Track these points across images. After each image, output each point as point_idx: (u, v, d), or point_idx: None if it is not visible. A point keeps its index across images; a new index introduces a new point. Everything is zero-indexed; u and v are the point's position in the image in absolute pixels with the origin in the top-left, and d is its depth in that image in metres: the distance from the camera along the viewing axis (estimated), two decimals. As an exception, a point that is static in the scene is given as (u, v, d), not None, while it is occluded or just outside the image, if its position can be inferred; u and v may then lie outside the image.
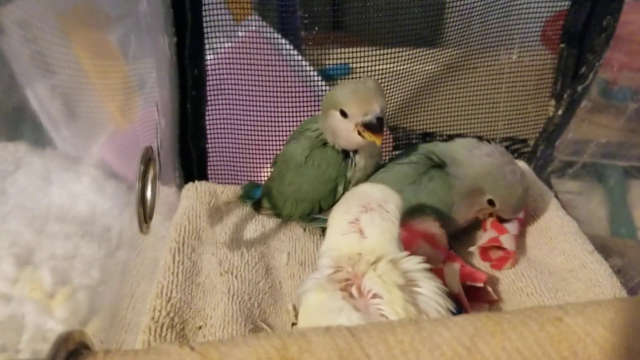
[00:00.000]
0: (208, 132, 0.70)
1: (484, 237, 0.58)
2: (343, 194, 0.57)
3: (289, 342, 0.30)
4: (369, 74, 0.68)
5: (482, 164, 0.56)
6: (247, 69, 0.68)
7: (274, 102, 0.70)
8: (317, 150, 0.57)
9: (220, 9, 0.64)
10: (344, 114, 0.53)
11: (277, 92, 0.69)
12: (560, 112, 0.72)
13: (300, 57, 0.81)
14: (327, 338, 0.30)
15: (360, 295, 0.39)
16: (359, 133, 0.53)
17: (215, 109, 0.69)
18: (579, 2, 0.66)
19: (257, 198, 0.65)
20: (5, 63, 0.65)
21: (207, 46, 0.65)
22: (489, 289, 0.51)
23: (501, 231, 0.58)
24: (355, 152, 0.57)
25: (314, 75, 0.81)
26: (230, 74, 0.68)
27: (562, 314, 0.31)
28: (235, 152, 0.73)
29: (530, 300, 0.52)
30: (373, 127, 0.51)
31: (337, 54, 0.68)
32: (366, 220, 0.44)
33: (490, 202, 0.57)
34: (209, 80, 0.67)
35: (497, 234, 0.57)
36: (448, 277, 0.51)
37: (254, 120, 0.71)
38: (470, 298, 0.51)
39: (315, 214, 0.60)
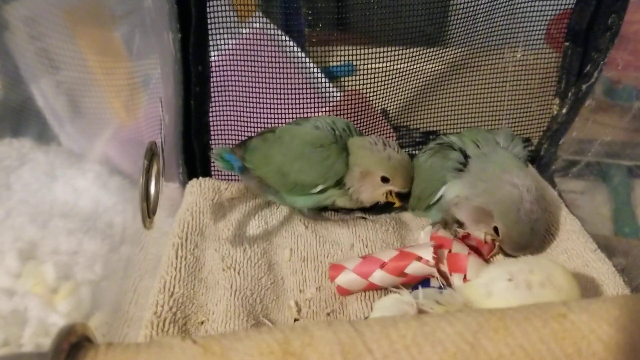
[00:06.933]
0: (211, 128, 0.71)
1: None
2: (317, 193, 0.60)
3: (291, 337, 0.30)
4: (373, 72, 0.68)
5: (503, 189, 0.54)
6: (251, 67, 0.68)
7: (277, 99, 0.70)
8: (334, 149, 0.59)
9: (225, 6, 0.64)
10: (385, 180, 0.59)
11: (280, 90, 0.69)
12: (564, 110, 0.71)
13: (304, 56, 0.81)
14: (330, 332, 0.30)
15: None
16: (387, 195, 0.61)
17: (219, 106, 0.70)
18: (584, 0, 0.66)
19: (230, 162, 0.65)
20: (11, 60, 0.65)
21: (211, 43, 0.65)
22: None
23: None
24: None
25: (317, 74, 0.81)
26: (234, 71, 0.68)
27: (566, 311, 0.31)
28: (239, 149, 0.73)
29: (533, 298, 0.52)
30: (402, 195, 0.61)
31: (341, 52, 0.68)
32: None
33: (496, 230, 0.55)
34: (213, 77, 0.67)
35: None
36: (472, 265, 0.52)
37: (257, 118, 0.71)
38: None
39: (274, 189, 0.62)
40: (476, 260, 0.53)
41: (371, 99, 0.71)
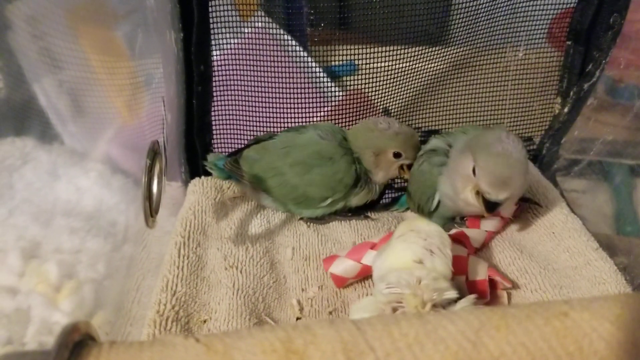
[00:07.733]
0: (214, 127, 0.71)
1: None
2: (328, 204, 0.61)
3: (293, 335, 0.30)
4: (375, 72, 0.68)
5: (483, 136, 0.53)
6: (253, 66, 0.68)
7: (279, 99, 0.70)
8: (345, 162, 0.60)
9: (227, 5, 0.64)
10: (398, 155, 0.60)
11: (282, 89, 0.69)
12: (566, 109, 0.71)
13: (306, 55, 0.81)
14: (332, 331, 0.30)
15: None
16: (399, 170, 0.61)
17: (221, 105, 0.70)
18: (586, -1, 0.66)
19: (221, 167, 0.66)
20: (14, 59, 0.65)
21: (213, 43, 0.65)
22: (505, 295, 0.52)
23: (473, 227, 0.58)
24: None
25: (319, 73, 0.81)
26: (237, 70, 0.68)
27: (567, 309, 0.31)
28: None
29: (534, 296, 0.52)
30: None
31: (343, 51, 0.68)
32: (430, 263, 0.45)
33: (474, 172, 0.52)
34: (215, 77, 0.67)
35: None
36: (472, 265, 0.52)
37: (259, 117, 0.71)
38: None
39: (275, 198, 0.62)
40: (475, 259, 0.53)
41: (373, 98, 0.71)
